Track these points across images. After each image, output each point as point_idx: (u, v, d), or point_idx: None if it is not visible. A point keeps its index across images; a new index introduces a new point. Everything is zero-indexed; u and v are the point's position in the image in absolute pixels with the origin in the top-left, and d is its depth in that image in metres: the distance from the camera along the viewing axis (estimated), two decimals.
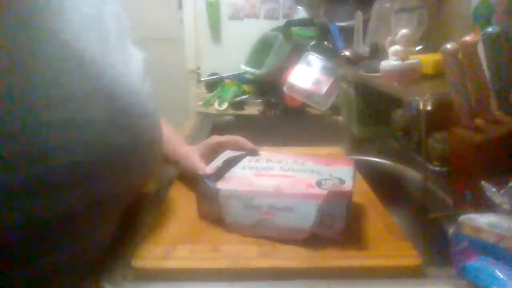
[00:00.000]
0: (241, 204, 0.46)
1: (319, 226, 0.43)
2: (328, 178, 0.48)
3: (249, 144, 0.60)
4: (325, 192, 0.44)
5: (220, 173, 0.50)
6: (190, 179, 0.58)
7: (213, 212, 0.48)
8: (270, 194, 0.45)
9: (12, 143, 0.29)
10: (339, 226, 0.43)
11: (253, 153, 0.59)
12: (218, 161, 0.53)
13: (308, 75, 1.19)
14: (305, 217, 0.43)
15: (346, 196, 0.44)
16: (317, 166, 0.53)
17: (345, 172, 0.51)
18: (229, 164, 0.54)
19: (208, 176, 0.48)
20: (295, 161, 0.55)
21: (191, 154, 0.60)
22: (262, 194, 0.45)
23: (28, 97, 0.30)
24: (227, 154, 0.56)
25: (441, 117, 0.63)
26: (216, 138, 0.63)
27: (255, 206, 0.45)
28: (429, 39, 0.95)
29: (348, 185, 0.46)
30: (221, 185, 0.47)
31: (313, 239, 0.44)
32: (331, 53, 1.23)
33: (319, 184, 0.47)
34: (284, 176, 0.50)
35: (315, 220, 0.43)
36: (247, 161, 0.56)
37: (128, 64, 0.41)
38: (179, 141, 0.65)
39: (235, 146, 0.60)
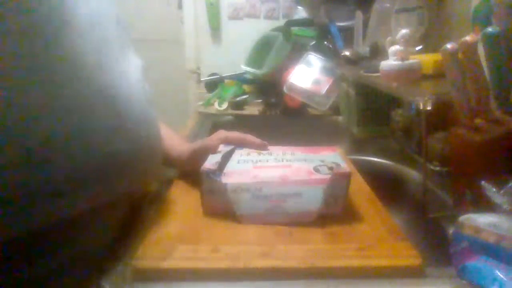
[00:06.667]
0: (250, 195, 0.48)
1: (324, 207, 0.47)
2: (322, 164, 0.51)
3: (257, 140, 0.60)
4: (327, 176, 0.48)
5: (221, 168, 0.51)
6: (196, 175, 0.57)
7: (221, 207, 0.49)
8: (278, 183, 0.48)
9: (16, 149, 0.29)
10: (341, 203, 0.49)
11: (263, 147, 0.60)
12: (216, 157, 0.53)
13: (308, 75, 1.19)
14: (313, 200, 0.47)
15: (347, 177, 0.49)
16: (306, 155, 0.56)
17: (334, 157, 0.55)
18: (226, 159, 0.54)
19: (214, 172, 0.49)
20: (284, 152, 0.58)
21: (196, 149, 0.60)
22: (270, 184, 0.48)
23: (29, 104, 0.30)
24: (221, 150, 0.57)
25: (441, 117, 0.63)
26: (223, 133, 0.62)
27: (264, 195, 0.48)
28: (429, 39, 0.95)
29: (346, 167, 0.50)
30: (226, 180, 0.48)
31: (314, 239, 0.44)
32: (331, 53, 1.23)
33: (316, 170, 0.50)
34: (282, 166, 0.52)
35: (321, 201, 0.47)
36: (238, 155, 0.57)
37: (127, 71, 0.41)
38: (178, 141, 0.64)
39: (243, 143, 0.60)
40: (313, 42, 1.31)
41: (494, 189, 0.39)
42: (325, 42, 1.28)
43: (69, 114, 0.32)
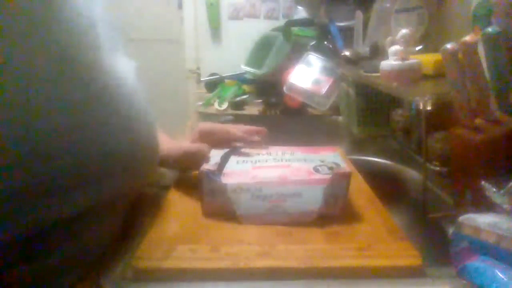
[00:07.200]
0: (250, 195, 0.48)
1: (324, 207, 0.47)
2: (322, 164, 0.52)
3: (238, 133, 0.60)
4: (327, 176, 0.48)
5: (220, 169, 0.51)
6: (195, 176, 0.57)
7: (221, 207, 0.49)
8: (278, 183, 0.48)
9: (17, 147, 0.30)
10: (341, 203, 0.49)
11: (245, 139, 0.60)
12: (215, 158, 0.54)
13: (308, 75, 1.19)
14: (313, 200, 0.47)
15: (347, 177, 0.48)
16: (306, 155, 0.56)
17: (334, 157, 0.55)
18: (225, 159, 0.55)
19: (213, 172, 0.49)
20: (284, 152, 0.58)
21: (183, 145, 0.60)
22: (270, 184, 0.48)
23: (31, 103, 0.30)
24: (219, 151, 0.57)
25: (441, 117, 0.63)
26: (203, 125, 0.62)
27: (264, 196, 0.48)
28: (429, 39, 0.95)
29: (345, 168, 0.50)
30: (226, 180, 0.49)
31: (314, 239, 0.44)
32: (331, 53, 1.23)
33: (316, 170, 0.50)
34: (282, 166, 0.52)
35: (321, 201, 0.47)
36: (238, 155, 0.57)
37: (126, 71, 0.42)
38: (167, 140, 0.64)
39: (225, 136, 0.60)
40: (313, 42, 1.31)
41: (494, 189, 0.39)
42: (325, 42, 1.28)
43: (70, 114, 0.33)
